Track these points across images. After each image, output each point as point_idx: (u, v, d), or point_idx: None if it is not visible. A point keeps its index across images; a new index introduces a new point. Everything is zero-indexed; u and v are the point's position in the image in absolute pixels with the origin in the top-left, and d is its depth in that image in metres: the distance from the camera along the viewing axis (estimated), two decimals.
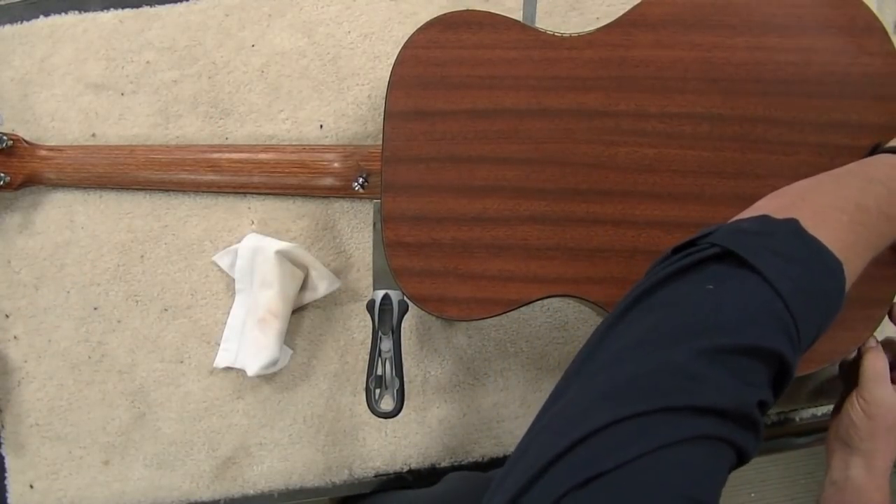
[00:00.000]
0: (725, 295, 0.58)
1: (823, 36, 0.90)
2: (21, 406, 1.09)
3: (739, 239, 0.61)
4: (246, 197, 1.10)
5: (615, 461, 0.50)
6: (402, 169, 0.90)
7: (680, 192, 0.89)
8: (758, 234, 0.62)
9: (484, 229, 0.89)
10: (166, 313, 1.09)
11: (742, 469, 0.57)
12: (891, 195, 0.71)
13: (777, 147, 0.89)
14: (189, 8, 1.12)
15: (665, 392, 0.53)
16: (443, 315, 0.88)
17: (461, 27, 0.92)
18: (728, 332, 0.56)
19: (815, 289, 0.59)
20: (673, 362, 0.55)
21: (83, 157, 1.07)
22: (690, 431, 0.52)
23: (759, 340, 0.56)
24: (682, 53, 0.91)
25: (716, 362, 0.55)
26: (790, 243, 0.61)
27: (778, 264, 0.58)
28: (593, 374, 0.58)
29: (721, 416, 0.53)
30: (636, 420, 0.52)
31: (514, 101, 0.91)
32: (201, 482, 1.07)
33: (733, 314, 0.57)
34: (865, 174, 0.73)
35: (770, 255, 0.59)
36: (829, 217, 0.65)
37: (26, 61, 1.13)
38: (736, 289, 0.58)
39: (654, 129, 0.90)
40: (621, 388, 0.55)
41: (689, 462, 0.52)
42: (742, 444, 0.54)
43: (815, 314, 0.59)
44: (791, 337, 0.57)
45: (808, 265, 0.60)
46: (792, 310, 0.57)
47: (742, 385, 0.55)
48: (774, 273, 0.57)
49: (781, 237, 0.62)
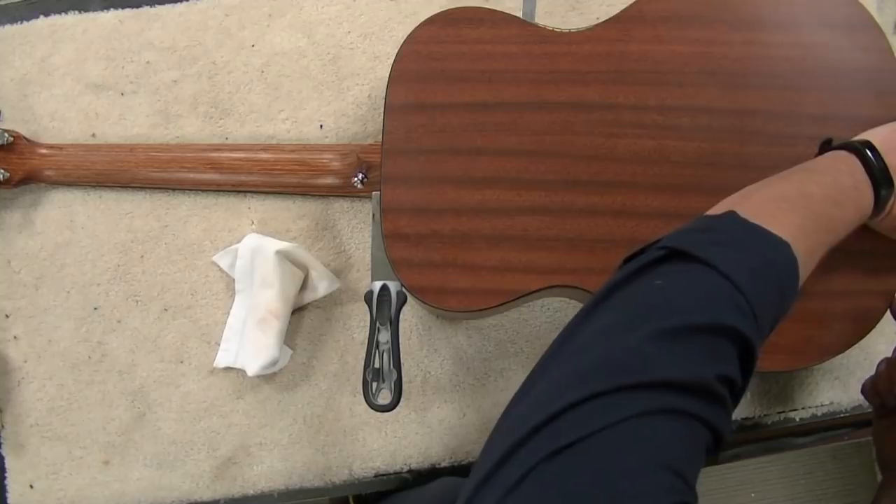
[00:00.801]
0: (675, 286, 0.60)
1: (819, 32, 0.92)
2: (21, 406, 1.08)
3: (683, 238, 0.63)
4: (246, 197, 1.10)
5: (578, 434, 0.51)
6: (402, 161, 0.91)
7: (679, 183, 0.89)
8: (699, 230, 0.65)
9: (483, 220, 0.89)
10: (166, 313, 1.09)
11: (742, 469, 0.57)
12: (836, 181, 0.73)
13: (775, 139, 0.90)
14: (189, 8, 1.13)
15: (620, 372, 0.54)
16: (441, 306, 0.88)
17: (461, 23, 0.93)
18: (680, 314, 0.57)
19: (761, 267, 0.61)
20: (627, 347, 0.56)
21: (83, 154, 1.08)
22: (651, 405, 0.52)
23: (710, 318, 0.57)
24: (680, 48, 0.92)
25: (669, 341, 0.56)
26: (730, 232, 0.64)
27: (721, 251, 0.61)
28: (557, 368, 0.59)
29: (679, 390, 0.54)
30: (595, 400, 0.52)
31: (513, 95, 0.91)
32: (201, 482, 1.06)
33: (684, 299, 0.58)
34: (809, 167, 0.76)
35: (712, 245, 0.61)
36: (769, 206, 0.68)
37: (26, 61, 1.13)
38: (684, 279, 0.60)
39: (653, 122, 0.90)
40: (577, 376, 0.55)
41: (655, 432, 0.52)
42: (709, 418, 0.55)
43: (767, 291, 0.61)
44: (745, 313, 0.58)
45: (749, 247, 0.63)
46: (742, 289, 0.58)
47: (696, 359, 0.56)
48: (719, 259, 0.59)
49: (721, 228, 0.65)
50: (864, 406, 1.04)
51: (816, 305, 0.88)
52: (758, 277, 0.60)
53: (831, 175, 0.74)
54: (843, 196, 0.72)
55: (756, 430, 1.05)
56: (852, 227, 0.74)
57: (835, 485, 2.01)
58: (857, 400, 1.04)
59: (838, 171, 0.74)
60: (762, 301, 0.59)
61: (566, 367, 0.58)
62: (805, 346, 0.87)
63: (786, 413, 1.05)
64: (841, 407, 1.05)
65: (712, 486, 2.01)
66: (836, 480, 2.01)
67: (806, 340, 0.87)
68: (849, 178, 0.74)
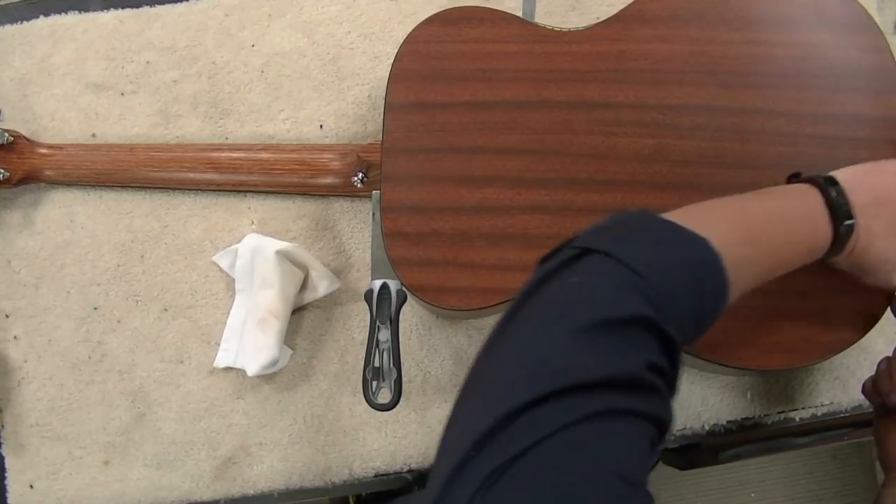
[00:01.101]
0: (588, 282, 0.60)
1: (818, 32, 0.92)
2: (21, 406, 1.08)
3: (594, 236, 0.64)
4: (246, 197, 1.10)
5: (515, 451, 0.49)
6: (402, 159, 0.91)
7: (679, 181, 0.89)
8: (611, 227, 0.65)
9: (483, 219, 0.89)
10: (166, 313, 1.09)
11: (742, 469, 0.57)
12: (783, 205, 0.73)
13: (775, 138, 0.90)
14: (189, 8, 1.13)
15: (550, 378, 0.53)
16: (441, 305, 0.88)
17: (461, 22, 0.93)
18: (597, 309, 0.57)
19: (672, 261, 0.61)
20: (551, 350, 0.55)
21: (83, 154, 1.08)
22: (587, 409, 0.51)
23: (626, 311, 0.56)
24: (679, 47, 0.92)
25: (592, 337, 0.55)
26: (641, 228, 0.65)
27: (629, 247, 0.61)
28: (484, 385, 0.58)
29: (612, 388, 0.53)
30: (528, 412, 0.51)
31: (513, 94, 0.91)
32: (201, 482, 1.06)
33: (599, 294, 0.58)
34: (761, 191, 0.75)
35: (621, 242, 0.62)
36: (694, 211, 0.68)
37: (26, 61, 1.13)
38: (596, 275, 0.60)
39: (652, 121, 0.90)
40: (506, 388, 0.55)
41: (596, 439, 0.51)
42: (647, 410, 0.54)
43: (680, 285, 0.60)
44: (657, 307, 0.58)
45: (659, 242, 0.63)
46: (651, 281, 0.58)
47: (623, 351, 0.55)
48: (626, 254, 0.59)
49: (632, 225, 0.65)
50: (864, 406, 1.04)
51: (816, 304, 0.88)
52: (669, 272, 0.60)
53: (780, 200, 0.74)
54: (790, 221, 0.73)
55: (756, 430, 1.05)
56: (803, 256, 0.74)
57: (835, 485, 2.01)
58: (857, 400, 1.04)
59: (791, 198, 0.75)
60: (673, 295, 0.59)
61: (494, 380, 0.57)
62: (805, 345, 0.87)
63: (786, 413, 1.05)
64: (841, 407, 1.05)
65: (712, 486, 2.01)
66: (836, 480, 2.01)
67: (806, 339, 0.87)
68: (801, 207, 0.73)
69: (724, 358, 0.87)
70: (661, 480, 1.93)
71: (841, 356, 0.93)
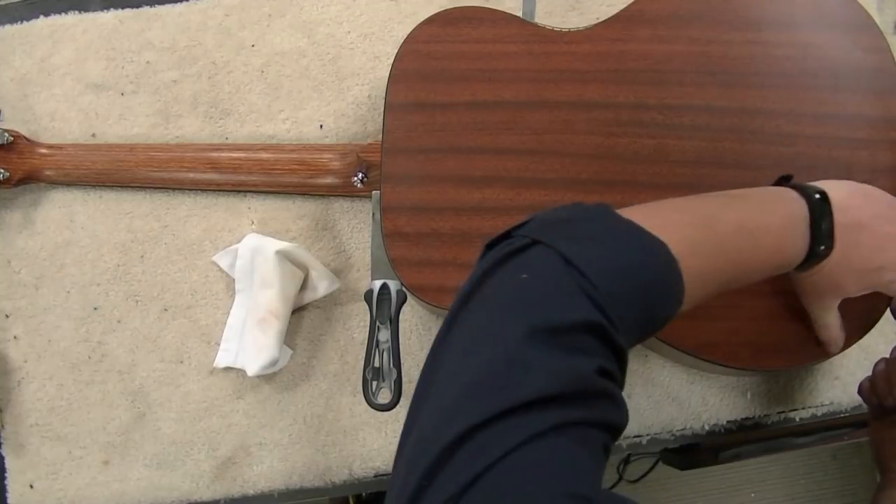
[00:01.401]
0: (536, 281, 0.57)
1: (818, 32, 0.92)
2: (21, 406, 1.08)
3: (545, 229, 0.61)
4: (246, 197, 1.10)
5: (460, 483, 0.48)
6: (402, 160, 0.91)
7: (679, 182, 0.89)
8: (566, 220, 0.62)
9: (483, 219, 0.89)
10: (166, 313, 1.09)
11: (742, 469, 0.56)
12: (762, 215, 0.70)
13: (775, 138, 0.90)
14: (189, 8, 1.13)
15: (497, 393, 0.51)
16: (441, 305, 0.88)
17: (461, 22, 0.93)
18: (542, 315, 0.55)
19: (625, 265, 0.59)
20: (498, 359, 0.53)
21: (83, 154, 1.08)
22: (536, 427, 0.49)
23: (572, 316, 0.55)
24: (679, 47, 0.92)
25: (540, 344, 0.53)
26: (593, 225, 0.62)
27: (581, 247, 0.58)
28: (433, 399, 0.56)
29: (564, 399, 0.51)
30: (478, 432, 0.49)
31: (513, 94, 0.92)
32: (201, 482, 1.06)
33: (545, 297, 0.56)
34: (740, 196, 0.73)
35: (573, 239, 0.59)
36: (662, 214, 0.66)
37: (26, 61, 1.13)
38: (544, 274, 0.58)
39: (652, 121, 0.90)
40: (457, 404, 0.52)
41: (548, 457, 0.49)
42: (601, 418, 0.53)
43: (626, 287, 0.58)
44: (601, 310, 0.56)
45: (613, 243, 0.60)
46: (600, 286, 0.56)
47: (573, 359, 0.53)
48: (577, 254, 0.57)
49: (586, 221, 0.62)
50: (864, 406, 1.04)
51: None
52: (619, 275, 0.58)
53: (759, 208, 0.71)
54: (764, 234, 0.69)
55: (756, 430, 1.05)
56: (768, 270, 0.71)
57: (835, 485, 2.01)
58: (857, 400, 1.04)
59: (772, 209, 0.71)
60: (622, 299, 0.57)
61: (447, 386, 0.55)
62: (805, 345, 0.87)
63: (786, 413, 1.05)
64: (841, 407, 1.05)
65: (712, 486, 2.01)
66: (836, 480, 2.01)
67: (806, 339, 0.87)
68: (781, 220, 0.70)
69: (723, 358, 0.87)
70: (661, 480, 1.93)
71: (841, 356, 0.93)
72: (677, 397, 1.03)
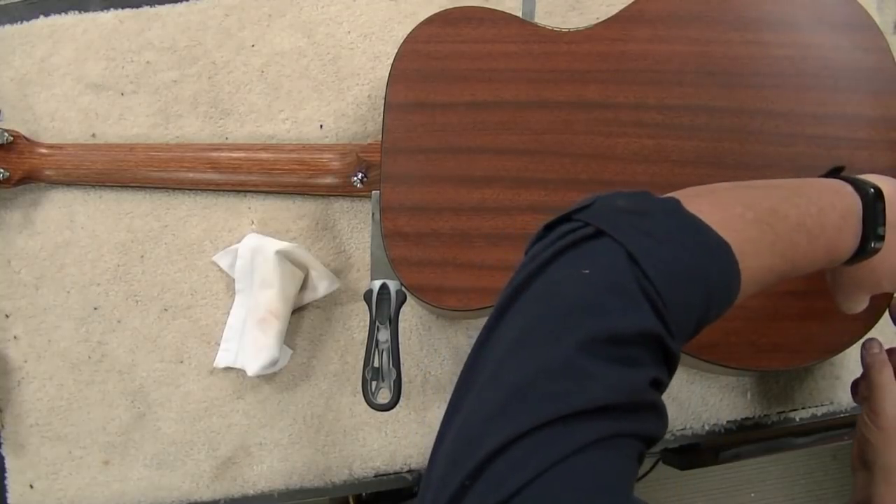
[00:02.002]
0: (598, 280, 0.55)
1: (818, 32, 0.92)
2: (21, 406, 1.08)
3: (612, 218, 0.58)
4: (246, 197, 1.10)
5: (509, 490, 0.47)
6: (402, 159, 0.91)
7: (679, 181, 0.89)
8: (632, 212, 0.59)
9: (483, 219, 0.89)
10: (166, 313, 1.09)
11: (742, 469, 0.56)
12: (820, 214, 0.67)
13: (775, 138, 0.90)
14: (189, 8, 1.13)
15: (551, 399, 0.50)
16: (440, 305, 0.88)
17: (461, 22, 0.93)
18: (602, 321, 0.53)
19: (690, 269, 0.57)
20: (554, 364, 0.52)
21: (83, 154, 1.08)
22: (587, 437, 0.48)
23: (634, 326, 0.53)
24: (679, 48, 0.92)
25: (598, 354, 0.52)
26: (664, 223, 0.59)
27: (648, 244, 0.56)
28: (479, 391, 0.54)
29: (616, 411, 0.50)
30: (527, 438, 0.48)
31: (513, 94, 0.92)
32: (201, 482, 1.06)
33: (607, 300, 0.54)
34: (799, 188, 0.70)
35: (642, 235, 0.57)
36: (728, 209, 0.63)
37: (26, 61, 1.13)
38: (608, 272, 0.55)
39: (652, 121, 0.90)
40: (506, 404, 0.51)
41: (591, 471, 0.48)
42: (644, 430, 0.52)
43: (689, 295, 0.57)
44: (664, 319, 0.54)
45: (681, 244, 0.57)
46: (664, 292, 0.54)
47: (629, 371, 0.52)
48: (645, 255, 0.55)
49: (656, 216, 0.59)
50: None
51: (817, 304, 0.88)
52: (683, 280, 0.56)
53: (818, 205, 0.67)
54: (820, 231, 0.66)
55: (756, 430, 1.05)
56: (819, 265, 0.69)
57: (835, 485, 2.01)
58: None
59: (830, 204, 0.68)
60: (683, 305, 0.56)
61: (495, 384, 0.52)
62: (805, 345, 0.87)
63: (786, 413, 1.05)
64: (841, 407, 1.05)
65: (712, 486, 2.01)
66: (836, 480, 2.01)
67: (806, 339, 0.87)
68: (838, 217, 0.68)
69: (723, 358, 0.87)
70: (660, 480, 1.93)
71: (841, 356, 0.93)
72: (677, 397, 1.03)
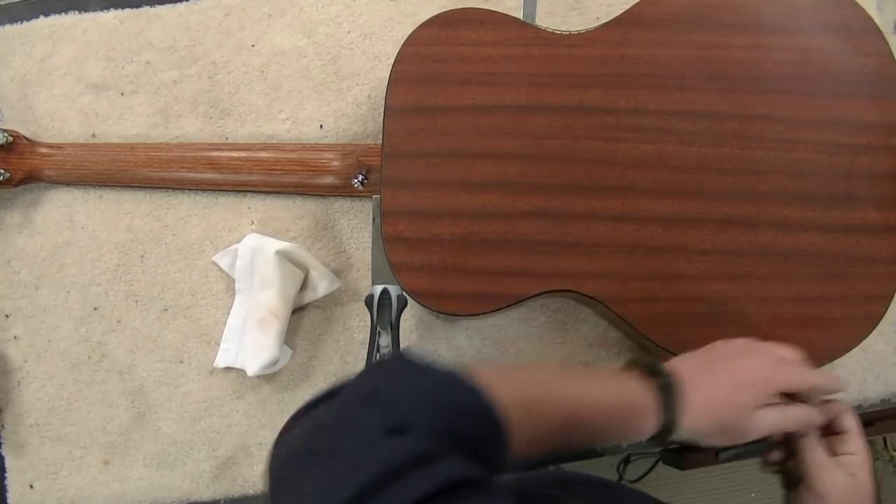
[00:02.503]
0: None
1: (820, 36, 0.92)
2: (21, 406, 1.09)
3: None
4: (246, 197, 1.10)
5: None
6: (402, 164, 0.91)
7: (679, 188, 0.89)
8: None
9: (483, 224, 0.89)
10: (166, 313, 1.09)
11: (742, 469, 0.56)
12: (618, 404, 0.71)
13: (775, 144, 0.90)
14: (189, 8, 1.13)
15: None
16: (441, 310, 0.88)
17: (461, 24, 0.93)
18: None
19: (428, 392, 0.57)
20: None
21: (83, 154, 1.08)
22: None
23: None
24: (680, 52, 0.91)
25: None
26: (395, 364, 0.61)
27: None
28: None
29: None
30: None
31: (513, 98, 0.91)
32: (201, 482, 1.06)
33: None
34: (597, 382, 0.72)
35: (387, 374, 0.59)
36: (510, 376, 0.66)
37: (26, 61, 1.13)
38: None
39: (653, 126, 0.90)
40: None
41: None
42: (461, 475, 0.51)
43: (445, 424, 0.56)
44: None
45: (399, 372, 0.60)
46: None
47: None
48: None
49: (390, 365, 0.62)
50: (864, 406, 1.04)
51: (816, 310, 0.88)
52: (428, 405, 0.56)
53: (615, 398, 0.71)
54: (617, 420, 0.70)
55: None
56: (618, 436, 0.72)
57: None
58: (857, 400, 1.04)
59: (624, 403, 0.72)
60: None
61: None
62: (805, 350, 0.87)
63: None
64: None
65: (712, 486, 2.01)
66: None
67: (806, 344, 0.87)
68: (632, 406, 0.72)
69: None
70: (661, 480, 1.93)
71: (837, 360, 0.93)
72: None
